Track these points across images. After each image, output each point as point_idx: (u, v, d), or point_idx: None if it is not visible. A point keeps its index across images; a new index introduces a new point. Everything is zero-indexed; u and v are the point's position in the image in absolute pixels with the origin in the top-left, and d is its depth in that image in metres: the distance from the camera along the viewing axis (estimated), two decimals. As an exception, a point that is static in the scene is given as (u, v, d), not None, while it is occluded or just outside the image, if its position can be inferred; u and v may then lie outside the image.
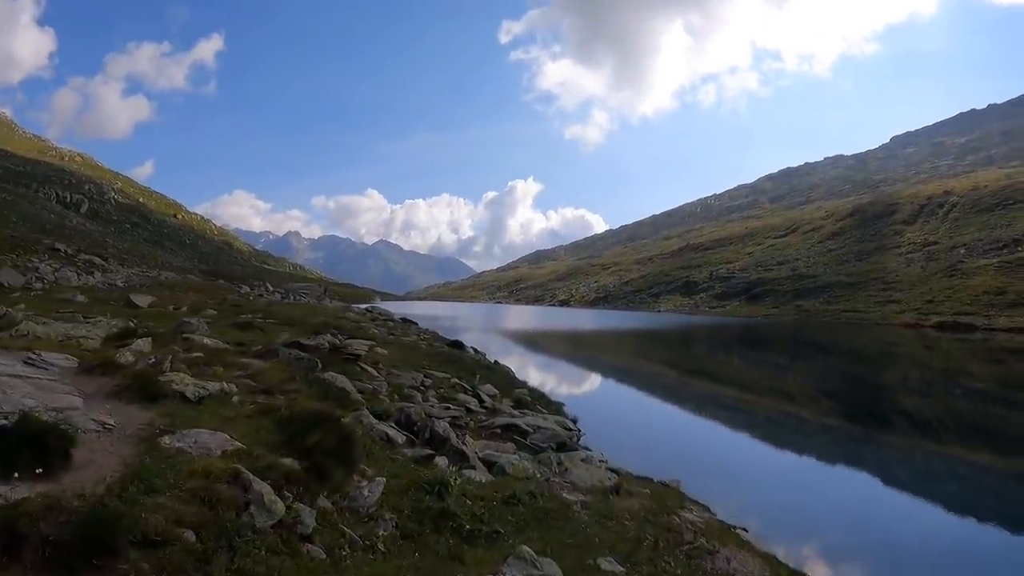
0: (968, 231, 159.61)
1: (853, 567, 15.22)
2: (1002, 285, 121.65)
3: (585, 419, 24.50)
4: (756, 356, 74.78)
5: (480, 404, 20.01)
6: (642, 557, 9.10)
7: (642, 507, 11.63)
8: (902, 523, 19.36)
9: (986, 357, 73.34)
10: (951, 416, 38.78)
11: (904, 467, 27.04)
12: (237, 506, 5.44)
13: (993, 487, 24.93)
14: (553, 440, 17.11)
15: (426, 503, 7.68)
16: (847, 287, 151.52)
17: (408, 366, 22.75)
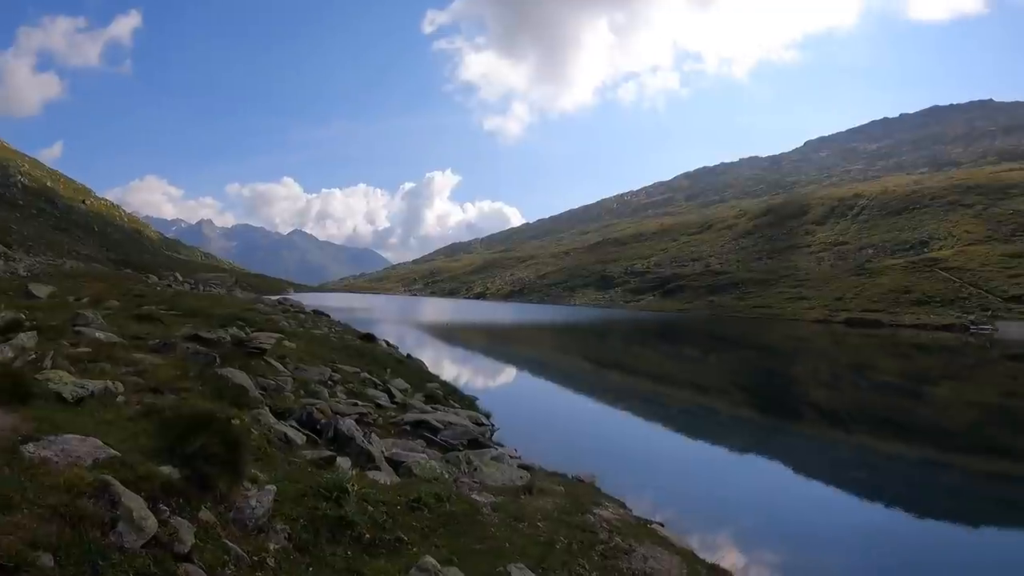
0: (876, 233, 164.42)
1: (769, 555, 15.19)
2: (908, 284, 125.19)
3: (500, 413, 24.24)
4: (671, 350, 75.59)
5: (390, 399, 19.50)
6: (556, 561, 8.75)
7: (555, 506, 11.31)
8: (815, 510, 19.62)
9: (892, 352, 75.22)
10: (859, 407, 39.60)
11: (815, 456, 27.49)
12: (103, 524, 4.83)
13: (900, 474, 25.45)
14: (465, 437, 16.70)
15: (323, 511, 7.08)
16: (759, 284, 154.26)
17: (317, 360, 22.06)
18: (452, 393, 26.05)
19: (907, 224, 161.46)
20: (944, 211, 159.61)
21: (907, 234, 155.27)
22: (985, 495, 23.08)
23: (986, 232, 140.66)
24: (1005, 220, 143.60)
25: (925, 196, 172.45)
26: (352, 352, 28.12)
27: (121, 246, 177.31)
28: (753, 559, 14.51)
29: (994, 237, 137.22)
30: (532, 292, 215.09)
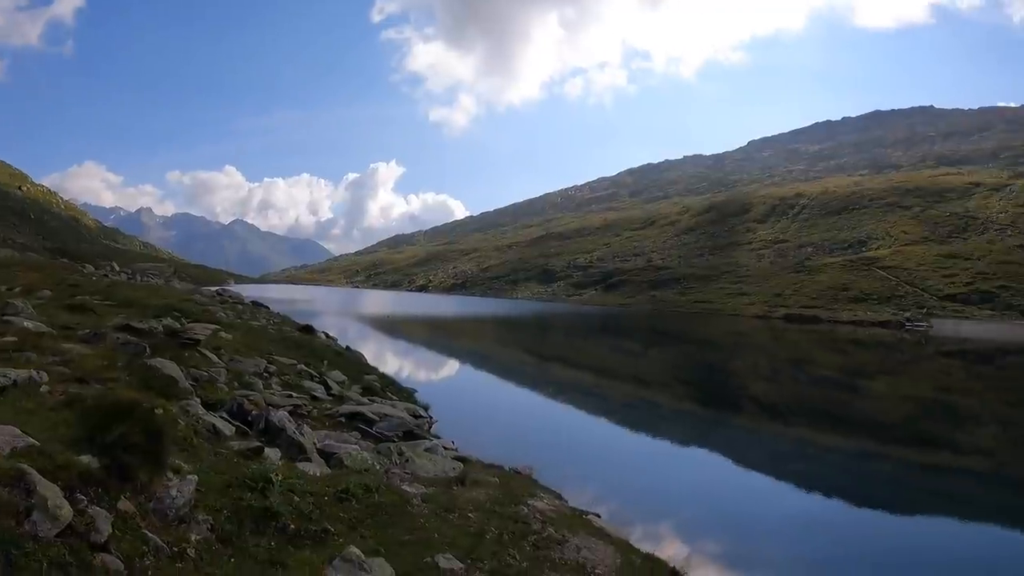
0: (816, 231, 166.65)
1: (709, 545, 15.30)
2: (846, 282, 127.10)
3: (439, 406, 24.22)
4: (612, 343, 75.85)
5: (327, 392, 19.37)
6: (485, 551, 8.74)
7: (488, 497, 11.32)
8: (754, 501, 19.84)
9: (830, 347, 76.26)
10: (798, 401, 40.20)
11: (755, 448, 27.78)
12: (17, 513, 4.75)
13: (838, 465, 25.87)
14: (400, 429, 16.63)
15: (247, 501, 7.03)
16: (700, 279, 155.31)
17: (253, 352, 21.82)
18: (390, 385, 25.91)
19: (846, 224, 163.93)
20: (883, 212, 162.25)
21: (846, 233, 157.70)
22: (920, 486, 23.55)
23: (923, 233, 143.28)
24: (942, 222, 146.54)
25: (865, 197, 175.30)
26: (290, 344, 27.87)
27: (58, 234, 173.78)
28: (693, 549, 14.52)
29: (931, 238, 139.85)
30: (475, 285, 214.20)
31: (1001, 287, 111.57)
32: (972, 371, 57.75)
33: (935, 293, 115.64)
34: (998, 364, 62.44)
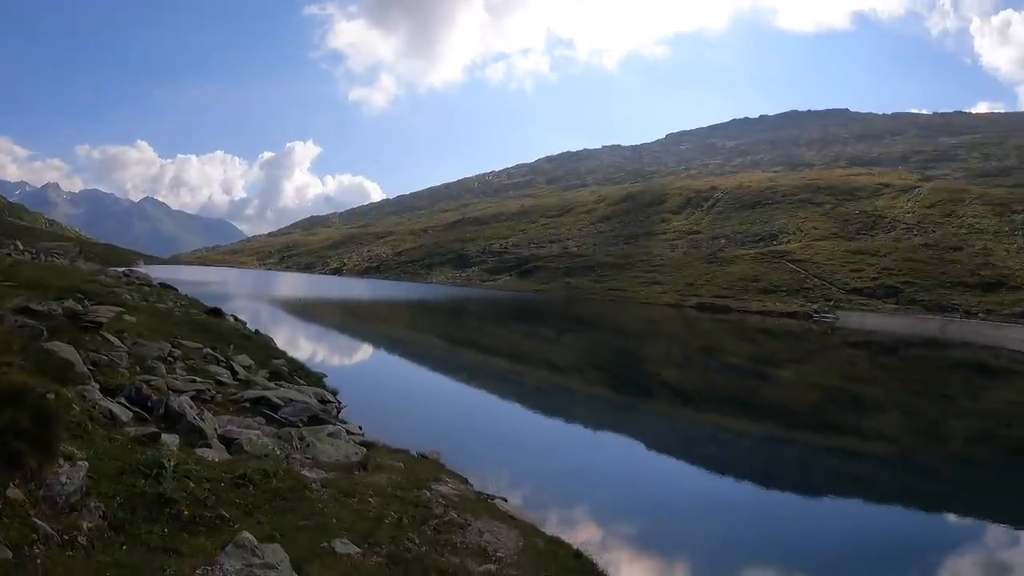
0: (729, 224, 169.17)
1: (618, 528, 15.60)
2: (757, 274, 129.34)
3: (349, 391, 23.94)
4: (526, 329, 76.05)
5: (233, 376, 19.07)
6: (383, 536, 8.76)
7: (391, 482, 11.35)
8: (665, 484, 20.27)
9: (740, 336, 77.61)
10: (709, 387, 40.94)
11: (667, 433, 28.31)
12: None
13: (748, 449, 26.53)
14: (305, 414, 16.49)
15: (141, 488, 6.92)
16: (614, 267, 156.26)
17: (157, 335, 21.36)
18: (298, 370, 25.62)
19: (759, 218, 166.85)
20: (795, 208, 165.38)
21: (758, 227, 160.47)
22: (826, 469, 24.24)
23: (832, 229, 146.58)
24: (851, 219, 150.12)
25: (778, 193, 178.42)
26: (196, 327, 27.29)
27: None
28: (603, 532, 14.85)
29: (840, 234, 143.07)
30: (389, 269, 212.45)
31: (905, 283, 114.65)
32: (876, 361, 59.23)
33: (842, 287, 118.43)
34: (901, 355, 64.13)
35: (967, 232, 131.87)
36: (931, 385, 45.59)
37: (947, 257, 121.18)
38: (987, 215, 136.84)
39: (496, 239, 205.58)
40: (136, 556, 6.05)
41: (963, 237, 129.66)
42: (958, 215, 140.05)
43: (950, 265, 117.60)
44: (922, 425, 32.50)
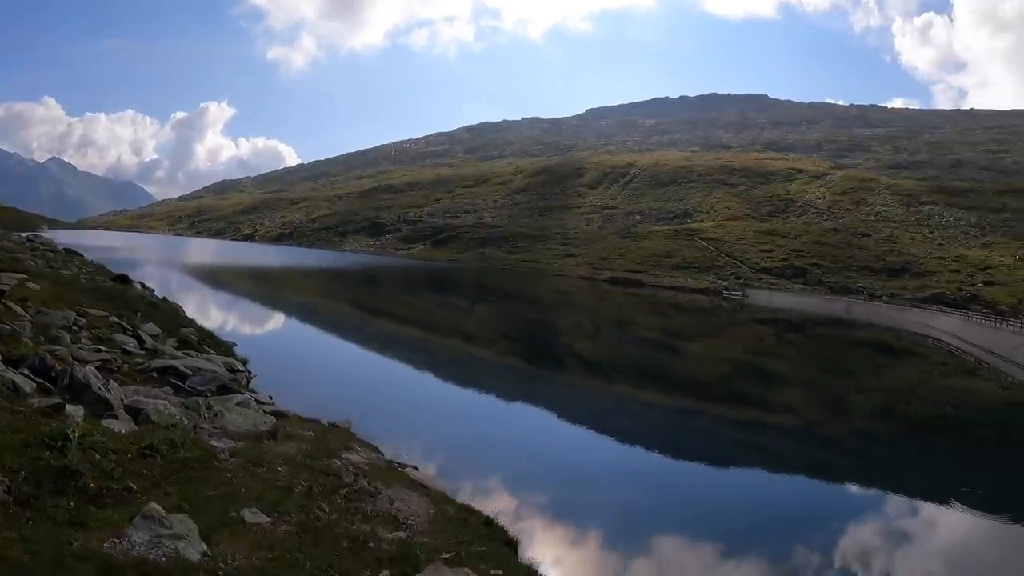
0: (645, 201, 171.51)
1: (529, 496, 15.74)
2: (670, 250, 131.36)
3: (259, 360, 23.57)
4: (440, 298, 76.21)
5: (140, 345, 18.54)
6: (293, 505, 8.69)
7: (300, 451, 11.29)
8: (576, 453, 20.55)
9: (652, 310, 78.79)
10: (620, 359, 41.52)
11: (578, 404, 28.67)
12: None
13: (658, 420, 27.11)
14: (214, 383, 16.21)
15: (46, 461, 6.77)
16: (529, 239, 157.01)
17: (62, 303, 20.72)
18: (208, 339, 25.12)
19: (674, 196, 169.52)
20: (709, 187, 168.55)
21: (673, 204, 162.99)
22: (733, 439, 24.88)
23: (745, 210, 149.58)
24: (764, 202, 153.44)
25: (693, 172, 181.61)
26: (102, 295, 26.48)
27: None
28: (514, 500, 15.02)
29: (752, 215, 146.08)
30: (303, 236, 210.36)
31: (814, 264, 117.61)
32: (783, 338, 60.78)
33: (752, 266, 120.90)
34: (807, 333, 65.82)
35: (875, 219, 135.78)
36: (836, 362, 46.89)
37: (855, 242, 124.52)
38: (895, 204, 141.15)
39: (411, 208, 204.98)
40: (43, 530, 5.95)
41: (871, 224, 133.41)
42: (867, 203, 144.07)
43: (857, 250, 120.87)
44: (826, 399, 33.47)
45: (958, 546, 15.66)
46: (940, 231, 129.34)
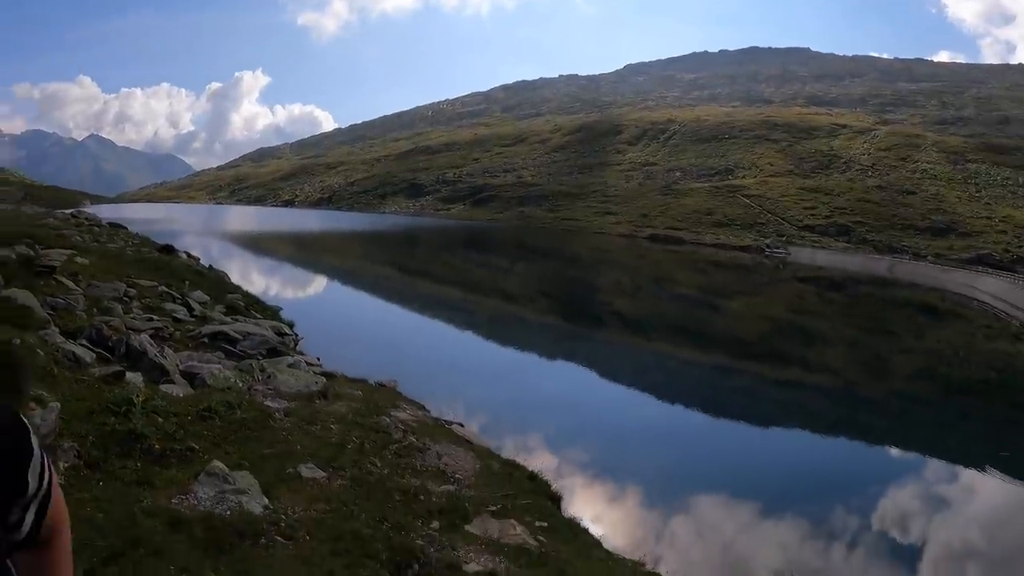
0: (685, 157, 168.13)
1: (570, 453, 15.96)
2: (711, 207, 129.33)
3: (304, 323, 24.02)
4: (479, 258, 76.02)
5: (189, 313, 19.04)
6: (346, 460, 9.02)
7: (351, 410, 11.60)
8: (615, 411, 20.73)
9: (692, 267, 77.95)
10: (660, 317, 41.40)
11: (617, 361, 28.79)
12: None
13: (697, 378, 27.08)
14: (264, 346, 16.59)
15: (111, 426, 7.12)
16: (568, 197, 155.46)
17: (111, 276, 21.03)
18: (254, 304, 25.51)
19: (715, 151, 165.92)
20: (751, 143, 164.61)
21: (714, 161, 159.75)
22: (772, 398, 24.93)
23: (788, 166, 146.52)
24: (807, 157, 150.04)
25: (735, 128, 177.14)
26: (150, 266, 26.87)
27: None
28: (557, 457, 15.18)
29: (795, 172, 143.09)
30: (342, 199, 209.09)
31: (857, 222, 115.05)
32: (825, 296, 60.07)
33: (795, 223, 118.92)
34: (849, 292, 64.85)
35: (920, 177, 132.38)
36: (877, 322, 46.17)
37: (900, 200, 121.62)
38: (941, 162, 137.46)
39: (449, 168, 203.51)
40: (113, 490, 6.23)
41: (916, 182, 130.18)
42: (913, 160, 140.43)
43: (902, 208, 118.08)
44: (867, 360, 33.15)
45: (996, 513, 15.60)
46: (987, 190, 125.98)
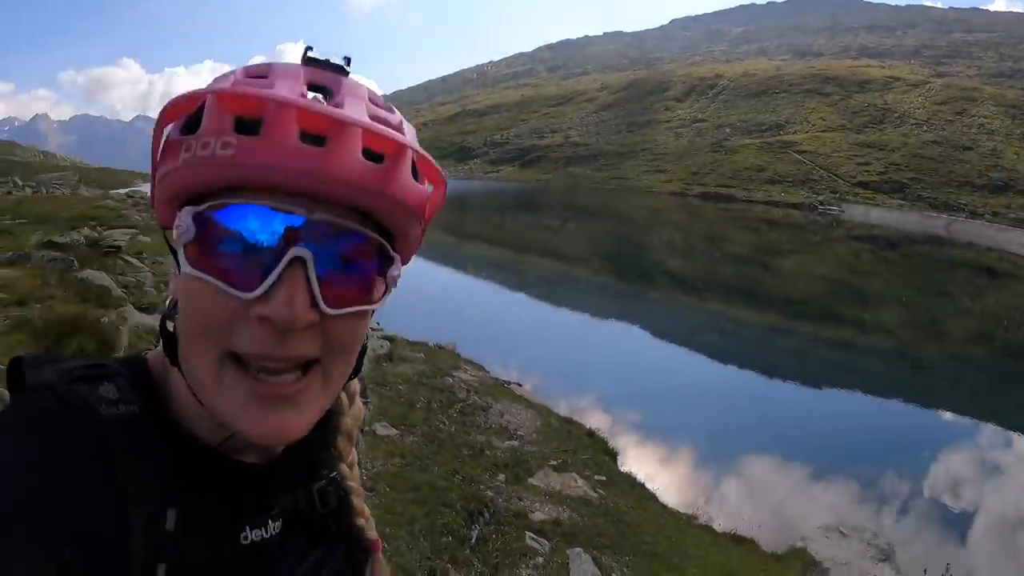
0: (735, 113, 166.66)
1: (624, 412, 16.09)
2: (762, 164, 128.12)
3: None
4: (529, 219, 76.23)
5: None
6: (416, 418, 9.51)
7: (415, 371, 11.93)
8: (668, 371, 20.99)
9: (744, 226, 77.54)
10: (712, 276, 41.31)
11: (670, 321, 28.92)
12: None
13: (749, 338, 27.12)
14: (325, 314, 16.90)
15: None
16: (617, 156, 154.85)
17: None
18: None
19: (765, 107, 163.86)
20: (802, 98, 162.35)
21: (764, 116, 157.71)
22: (826, 359, 24.95)
23: (840, 121, 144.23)
24: (859, 112, 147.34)
25: (784, 82, 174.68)
26: None
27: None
28: (609, 416, 15.38)
29: (847, 127, 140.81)
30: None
31: (913, 179, 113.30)
32: (879, 256, 59.37)
33: (848, 179, 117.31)
34: (904, 251, 64.11)
35: (977, 132, 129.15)
36: (933, 282, 45.75)
37: (956, 156, 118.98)
38: (999, 116, 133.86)
39: (497, 130, 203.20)
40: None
41: (973, 137, 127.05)
42: (969, 114, 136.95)
43: (959, 164, 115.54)
44: (922, 321, 32.98)
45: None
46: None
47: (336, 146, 0.78)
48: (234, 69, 0.89)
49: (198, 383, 0.86)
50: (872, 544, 8.22)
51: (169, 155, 0.84)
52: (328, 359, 0.88)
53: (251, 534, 0.95)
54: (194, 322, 0.84)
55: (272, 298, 0.79)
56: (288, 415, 0.85)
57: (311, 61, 0.89)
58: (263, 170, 0.78)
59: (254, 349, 0.81)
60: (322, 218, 0.81)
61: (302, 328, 0.82)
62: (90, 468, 0.81)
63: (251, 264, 0.80)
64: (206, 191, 0.82)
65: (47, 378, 0.89)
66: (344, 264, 0.86)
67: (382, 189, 0.85)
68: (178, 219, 0.83)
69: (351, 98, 0.86)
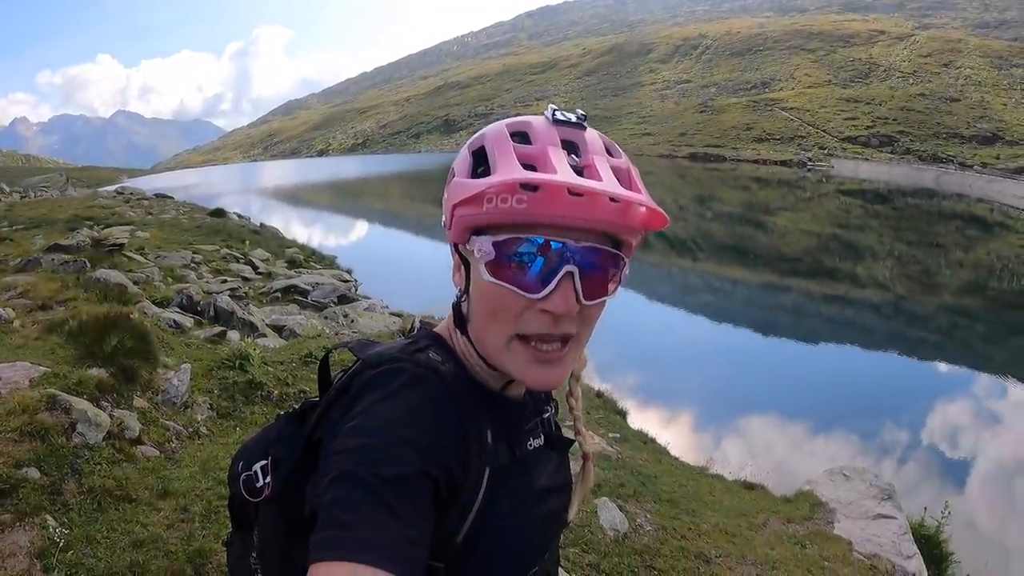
0: (720, 72, 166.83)
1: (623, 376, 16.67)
2: (749, 122, 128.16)
3: (360, 269, 24.74)
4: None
5: (255, 271, 19.87)
6: None
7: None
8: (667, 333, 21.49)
9: (734, 184, 78.25)
10: (704, 236, 41.77)
11: (663, 282, 29.38)
12: (65, 430, 5.29)
13: (744, 296, 27.57)
14: (334, 294, 17.28)
15: (232, 379, 7.85)
16: (604, 120, 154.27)
17: (175, 245, 21.84)
18: (312, 255, 26.38)
19: (750, 65, 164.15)
20: (786, 54, 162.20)
21: (749, 74, 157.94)
22: (821, 314, 25.47)
23: (825, 77, 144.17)
24: (844, 66, 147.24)
25: (768, 39, 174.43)
26: (207, 230, 27.63)
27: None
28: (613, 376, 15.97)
29: (833, 82, 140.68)
30: (376, 143, 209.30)
31: (901, 132, 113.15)
32: (870, 210, 59.68)
33: (836, 135, 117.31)
34: (895, 204, 64.51)
35: (964, 84, 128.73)
36: (924, 235, 46.03)
37: (943, 108, 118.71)
38: (985, 67, 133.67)
39: (481, 101, 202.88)
40: (247, 434, 6.88)
41: (960, 88, 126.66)
42: (955, 66, 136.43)
43: (946, 116, 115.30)
44: (915, 274, 33.40)
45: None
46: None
47: (592, 198, 1.21)
48: (496, 123, 1.39)
49: (491, 349, 1.32)
50: (874, 485, 8.63)
51: (474, 202, 1.24)
52: (581, 332, 1.35)
53: (533, 442, 1.46)
54: (492, 312, 1.29)
55: (551, 298, 1.24)
56: (555, 371, 1.31)
57: (558, 121, 1.38)
58: (547, 218, 1.21)
59: (538, 330, 1.27)
60: (584, 245, 1.26)
61: (572, 316, 1.28)
62: (450, 409, 1.25)
63: (537, 276, 1.24)
64: (500, 226, 1.25)
65: (389, 354, 1.33)
66: (594, 270, 1.30)
67: (621, 221, 1.29)
68: (479, 244, 1.25)
69: (597, 157, 1.32)
